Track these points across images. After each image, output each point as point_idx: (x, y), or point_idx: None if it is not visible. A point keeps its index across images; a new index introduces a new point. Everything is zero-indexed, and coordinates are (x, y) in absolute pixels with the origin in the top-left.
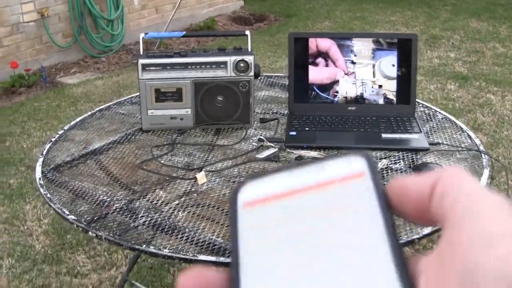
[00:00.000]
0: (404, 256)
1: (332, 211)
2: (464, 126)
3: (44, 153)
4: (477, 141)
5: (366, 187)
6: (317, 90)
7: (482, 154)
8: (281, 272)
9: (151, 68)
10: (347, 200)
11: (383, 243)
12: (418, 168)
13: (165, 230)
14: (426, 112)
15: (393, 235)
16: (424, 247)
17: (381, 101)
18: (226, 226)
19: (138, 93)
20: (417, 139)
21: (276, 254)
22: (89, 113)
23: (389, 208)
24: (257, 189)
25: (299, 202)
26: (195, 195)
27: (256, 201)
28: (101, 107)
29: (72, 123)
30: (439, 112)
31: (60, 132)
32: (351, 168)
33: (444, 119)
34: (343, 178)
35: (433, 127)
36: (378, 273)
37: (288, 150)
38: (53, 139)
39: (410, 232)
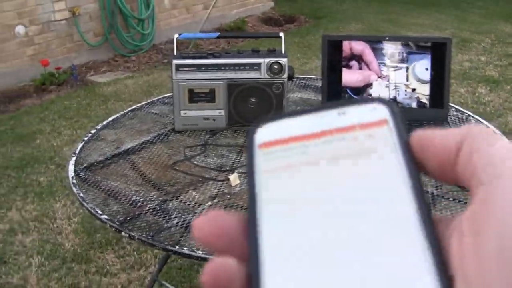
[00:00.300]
0: (431, 213)
1: (352, 158)
2: (497, 131)
3: (76, 152)
4: None
5: (389, 136)
6: (350, 93)
7: None
8: (302, 226)
9: (185, 68)
10: (369, 147)
11: (408, 198)
12: None
13: None
14: (459, 116)
15: (419, 189)
16: None
17: (414, 105)
18: None
19: (170, 93)
20: None
21: (297, 205)
22: (122, 112)
23: (414, 159)
24: (275, 130)
25: (318, 147)
26: (228, 196)
27: (274, 142)
28: (133, 107)
29: (105, 122)
30: (472, 116)
31: (92, 132)
32: (373, 114)
33: (476, 123)
34: (364, 124)
35: None
36: (404, 231)
37: None
38: (85, 138)
39: None
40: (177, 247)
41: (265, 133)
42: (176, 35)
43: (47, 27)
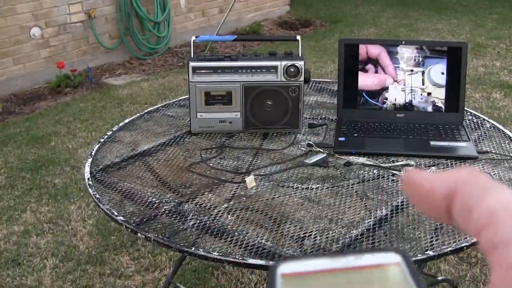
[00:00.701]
0: None
1: (368, 284)
2: None
3: (92, 153)
4: None
5: (402, 273)
6: (366, 96)
7: None
8: None
9: (202, 71)
10: (385, 281)
11: None
12: None
13: (214, 233)
14: (474, 120)
15: None
16: (469, 256)
17: (429, 109)
18: (275, 231)
19: (186, 96)
20: (465, 147)
21: None
22: (138, 114)
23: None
24: (297, 265)
25: (338, 278)
26: (244, 198)
27: (296, 273)
28: (149, 109)
29: (121, 124)
30: (487, 121)
31: (108, 133)
32: (387, 258)
33: (492, 128)
34: (380, 265)
35: (481, 136)
36: None
37: (337, 156)
38: (101, 140)
39: (459, 239)
40: (193, 248)
41: (287, 266)
42: (193, 38)
43: (63, 29)
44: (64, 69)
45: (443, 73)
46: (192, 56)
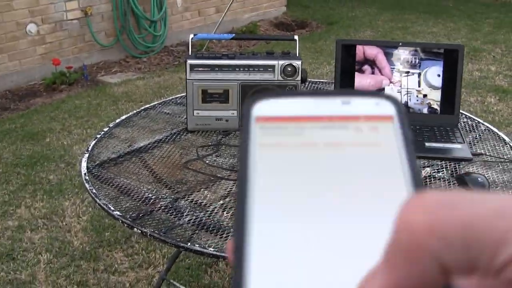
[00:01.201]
0: None
1: (353, 147)
2: (507, 138)
3: (89, 149)
4: None
5: (393, 131)
6: None
7: None
8: (292, 207)
9: (199, 68)
10: (371, 140)
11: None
12: (461, 177)
13: (210, 229)
14: (469, 123)
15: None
16: None
17: (425, 111)
18: None
19: (183, 94)
20: (460, 149)
21: (288, 183)
22: (134, 111)
23: (416, 159)
24: (274, 107)
25: (319, 130)
26: None
27: (272, 118)
28: (146, 106)
29: (118, 120)
30: (482, 123)
31: (105, 129)
32: (378, 108)
33: (486, 131)
34: (369, 117)
35: (475, 138)
36: None
37: None
38: (98, 136)
39: None
40: (189, 244)
41: (264, 108)
42: (191, 36)
43: (59, 26)
44: (60, 66)
45: (439, 75)
46: (190, 53)
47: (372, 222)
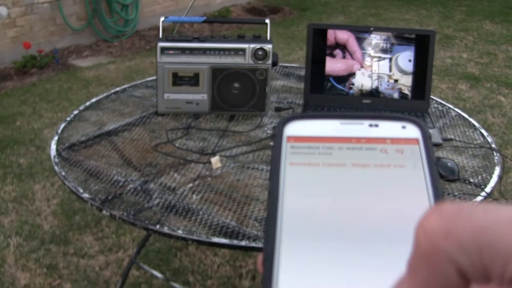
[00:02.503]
0: None
1: (380, 168)
2: (476, 124)
3: (59, 131)
4: (489, 139)
5: (418, 154)
6: (333, 82)
7: (494, 152)
8: (320, 221)
9: (170, 51)
10: (398, 161)
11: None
12: None
13: (179, 212)
14: (440, 108)
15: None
16: None
17: (396, 96)
18: (239, 212)
19: (153, 77)
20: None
21: (317, 199)
22: (105, 94)
23: (439, 182)
24: (305, 127)
25: (347, 151)
26: (209, 179)
27: (302, 138)
28: (116, 89)
29: (88, 103)
30: (453, 109)
31: (75, 112)
32: (405, 132)
33: (457, 117)
34: (396, 140)
35: (446, 124)
36: None
37: None
38: (68, 119)
39: None
40: (158, 226)
41: (295, 127)
42: (162, 18)
43: (30, 9)
44: (30, 50)
45: (410, 61)
46: (160, 36)
47: (398, 239)
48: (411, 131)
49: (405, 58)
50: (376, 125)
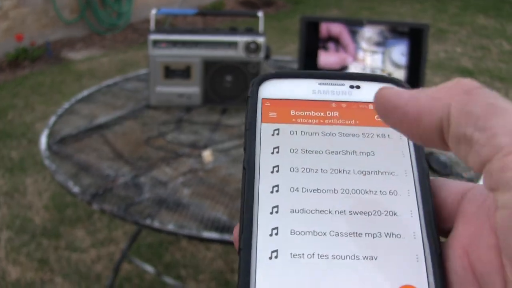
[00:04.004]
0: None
1: (362, 138)
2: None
3: (50, 125)
4: None
5: None
6: None
7: None
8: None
9: (162, 44)
10: (380, 130)
11: (412, 185)
12: None
13: (170, 206)
14: None
15: (427, 185)
16: None
17: None
18: (231, 206)
19: (145, 70)
20: None
21: (296, 168)
22: (96, 87)
23: (424, 155)
24: (281, 88)
25: (327, 120)
26: (201, 173)
27: (279, 102)
28: (108, 82)
29: (79, 97)
30: None
31: (66, 106)
32: None
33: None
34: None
35: None
36: (403, 221)
37: None
38: (59, 112)
39: None
40: (148, 221)
41: (271, 88)
42: (154, 11)
43: (22, 1)
44: (23, 42)
45: (403, 54)
46: (152, 29)
47: (379, 209)
48: None
49: (399, 51)
50: (358, 87)
